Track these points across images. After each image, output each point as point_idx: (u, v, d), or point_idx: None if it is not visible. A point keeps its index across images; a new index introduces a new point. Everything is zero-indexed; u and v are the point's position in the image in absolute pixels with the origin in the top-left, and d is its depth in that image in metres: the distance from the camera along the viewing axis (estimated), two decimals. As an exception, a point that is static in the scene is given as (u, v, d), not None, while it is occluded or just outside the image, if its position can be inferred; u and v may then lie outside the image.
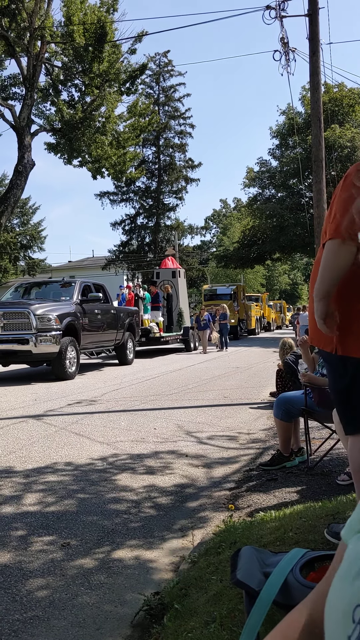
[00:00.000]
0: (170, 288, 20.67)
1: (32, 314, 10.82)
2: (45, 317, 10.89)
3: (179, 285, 21.32)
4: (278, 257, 39.72)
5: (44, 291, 13.55)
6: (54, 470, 4.80)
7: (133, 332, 15.14)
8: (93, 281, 14.18)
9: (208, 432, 6.32)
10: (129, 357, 14.79)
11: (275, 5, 12.03)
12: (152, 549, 3.26)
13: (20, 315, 10.94)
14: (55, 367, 11.16)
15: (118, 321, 13.92)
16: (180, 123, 43.08)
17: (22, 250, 46.86)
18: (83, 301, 12.34)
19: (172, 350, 19.76)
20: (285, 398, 4.65)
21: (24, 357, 11.13)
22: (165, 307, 20.35)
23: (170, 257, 23.71)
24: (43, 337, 10.76)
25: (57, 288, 13.30)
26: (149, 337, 17.43)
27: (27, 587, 2.78)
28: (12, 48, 20.12)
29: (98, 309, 12.96)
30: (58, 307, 11.49)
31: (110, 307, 13.88)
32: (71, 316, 11.57)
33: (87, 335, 12.33)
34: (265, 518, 3.21)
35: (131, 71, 21.83)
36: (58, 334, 10.93)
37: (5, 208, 20.49)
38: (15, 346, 10.85)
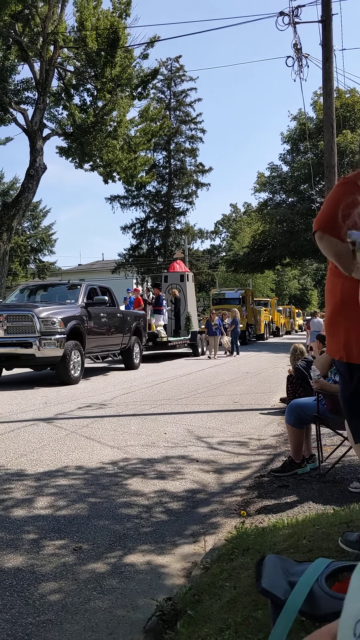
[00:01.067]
0: (178, 292, 20.43)
1: (36, 316, 10.61)
2: (49, 320, 10.67)
3: (187, 289, 21.08)
4: (288, 262, 39.65)
5: (49, 294, 13.33)
6: (65, 473, 4.81)
7: (140, 336, 14.87)
8: (99, 284, 13.96)
9: (218, 437, 6.31)
10: (135, 362, 14.51)
11: (289, 12, 12.06)
12: (164, 554, 3.26)
13: (24, 318, 10.73)
14: (59, 372, 10.94)
15: (124, 325, 13.67)
16: (191, 128, 43.28)
17: (33, 253, 47.09)
18: (88, 304, 12.09)
19: (180, 355, 19.59)
20: (297, 404, 4.64)
21: (27, 360, 10.92)
22: (172, 311, 20.15)
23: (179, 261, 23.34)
24: (47, 340, 10.53)
25: (62, 290, 13.04)
26: (156, 341, 17.23)
27: (39, 590, 2.78)
28: (25, 53, 20.29)
29: (104, 312, 12.72)
30: (62, 310, 11.28)
31: (117, 311, 13.69)
32: (76, 319, 11.34)
33: (92, 339, 12.09)
34: (278, 525, 3.20)
35: (143, 76, 21.95)
36: (62, 337, 10.70)
37: (17, 211, 20.62)
38: (19, 349, 10.64)
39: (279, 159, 37.56)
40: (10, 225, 20.48)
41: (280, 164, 37.20)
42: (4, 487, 4.42)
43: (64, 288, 13.22)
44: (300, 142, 34.41)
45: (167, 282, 21.27)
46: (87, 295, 12.27)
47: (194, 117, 43.05)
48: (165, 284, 21.27)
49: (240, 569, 2.64)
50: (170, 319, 19.96)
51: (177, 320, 20.23)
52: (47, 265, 48.58)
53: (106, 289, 13.59)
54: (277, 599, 1.29)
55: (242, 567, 2.66)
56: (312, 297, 74.49)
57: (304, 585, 1.28)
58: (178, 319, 20.25)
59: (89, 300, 12.17)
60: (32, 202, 23.83)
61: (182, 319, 20.29)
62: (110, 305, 13.37)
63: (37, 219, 47.54)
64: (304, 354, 7.26)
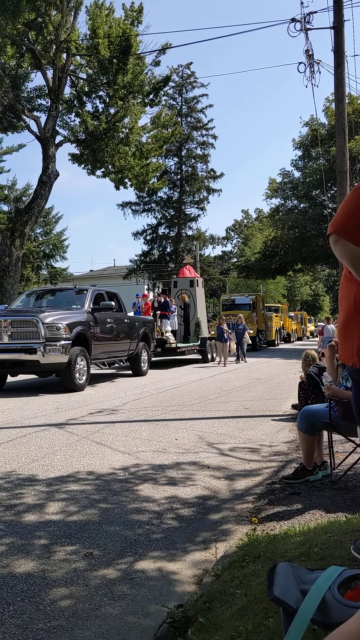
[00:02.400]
0: (187, 297, 20.18)
1: (41, 322, 10.43)
2: (54, 326, 10.49)
3: (197, 294, 20.80)
4: (300, 268, 39.54)
5: (55, 299, 13.12)
6: (76, 479, 4.82)
7: (148, 342, 14.63)
8: (106, 289, 13.77)
9: (230, 443, 6.30)
10: (143, 368, 14.28)
11: (301, 18, 12.07)
12: (175, 561, 3.25)
13: (29, 323, 10.54)
14: (64, 378, 10.77)
15: (132, 331, 13.45)
16: (203, 134, 43.37)
17: (45, 259, 47.34)
18: (95, 310, 11.88)
19: (189, 362, 19.31)
20: (309, 411, 4.62)
21: (31, 367, 10.70)
22: (182, 316, 19.91)
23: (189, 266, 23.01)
24: (51, 346, 10.34)
25: (69, 296, 12.84)
26: (165, 347, 16.99)
27: (50, 596, 2.78)
28: (38, 60, 20.47)
29: (111, 317, 12.50)
30: (68, 316, 11.08)
31: (124, 316, 13.46)
32: (82, 325, 11.15)
33: (99, 345, 11.89)
34: (289, 532, 3.18)
35: (155, 83, 22.06)
36: (67, 343, 10.52)
37: (30, 218, 20.76)
38: (23, 356, 10.44)
39: (291, 164, 37.56)
40: (23, 231, 20.62)
41: (292, 170, 37.20)
42: (16, 492, 4.44)
43: (70, 293, 13.05)
44: (312, 147, 34.37)
45: (177, 287, 21.07)
46: (93, 300, 12.11)
47: (205, 123, 43.16)
48: (174, 289, 21.07)
49: (252, 577, 2.62)
50: (180, 324, 19.75)
51: (186, 326, 20.00)
52: (59, 271, 48.80)
53: (113, 295, 13.44)
54: (289, 607, 1.29)
55: (254, 574, 2.65)
56: (324, 303, 74.19)
57: (316, 594, 1.27)
58: (187, 324, 20.03)
59: (96, 306, 11.99)
60: (44, 208, 23.99)
61: (192, 325, 20.06)
62: (118, 311, 13.19)
63: (49, 225, 47.81)
64: (316, 360, 7.22)
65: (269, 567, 2.32)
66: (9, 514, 3.95)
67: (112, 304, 12.31)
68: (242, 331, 19.99)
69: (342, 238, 2.53)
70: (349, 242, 2.51)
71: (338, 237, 2.54)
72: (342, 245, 2.53)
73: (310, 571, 1.47)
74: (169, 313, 18.39)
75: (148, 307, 18.33)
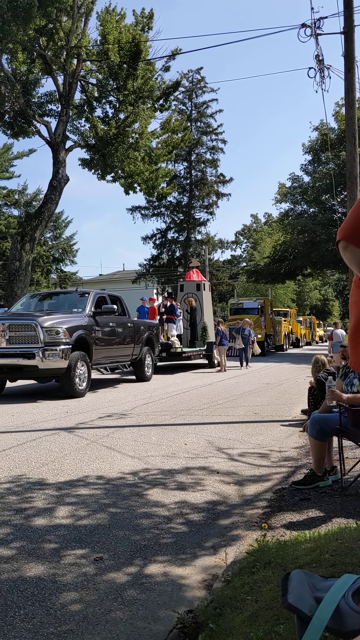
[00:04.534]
0: (194, 301, 19.70)
1: (40, 326, 10.12)
2: (53, 330, 10.18)
3: (204, 298, 20.34)
4: (309, 272, 39.41)
5: (57, 302, 12.74)
6: (86, 483, 4.83)
7: (152, 347, 14.24)
8: (109, 292, 13.40)
9: (239, 448, 6.28)
10: (147, 373, 13.89)
11: (311, 24, 12.08)
12: (184, 566, 3.25)
13: (27, 327, 10.25)
14: (64, 384, 10.46)
15: (135, 335, 13.08)
16: (212, 139, 43.42)
17: (54, 263, 47.53)
18: (96, 313, 11.55)
19: (194, 367, 18.97)
20: (319, 416, 4.61)
21: (29, 372, 10.42)
22: (188, 321, 19.52)
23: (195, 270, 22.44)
24: (50, 351, 10.04)
25: (71, 299, 12.44)
26: (170, 352, 16.55)
27: (60, 600, 2.79)
28: (49, 66, 20.61)
29: (113, 321, 12.16)
30: (68, 319, 10.77)
31: (127, 320, 13.07)
32: (82, 329, 10.81)
33: (100, 350, 11.51)
34: (300, 538, 3.17)
35: (165, 88, 22.13)
36: (67, 348, 10.21)
37: (40, 222, 20.86)
38: (21, 361, 10.14)
39: (300, 169, 37.49)
40: (33, 235, 20.71)
41: (301, 175, 37.13)
42: (26, 496, 4.45)
43: (72, 296, 12.72)
44: (322, 152, 34.29)
45: (183, 291, 20.68)
46: (95, 304, 11.81)
47: (215, 128, 43.23)
48: (181, 293, 20.72)
49: (262, 583, 2.62)
50: (186, 329, 19.43)
51: (192, 330, 19.56)
52: (69, 275, 49.01)
53: (116, 298, 13.13)
54: (303, 614, 1.28)
55: (264, 580, 2.64)
56: (334, 307, 73.95)
57: (330, 601, 1.26)
58: (194, 329, 19.60)
59: (97, 309, 11.69)
60: (54, 213, 24.09)
61: (198, 329, 19.65)
62: (121, 315, 12.90)
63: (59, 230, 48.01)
64: (326, 366, 7.20)
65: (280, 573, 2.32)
66: (19, 517, 3.96)
67: (114, 308, 12.03)
68: (247, 336, 19.54)
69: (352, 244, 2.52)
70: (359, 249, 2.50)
71: (347, 243, 2.54)
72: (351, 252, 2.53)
73: (324, 579, 1.47)
74: (175, 317, 18.01)
75: (153, 310, 18.01)
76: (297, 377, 14.99)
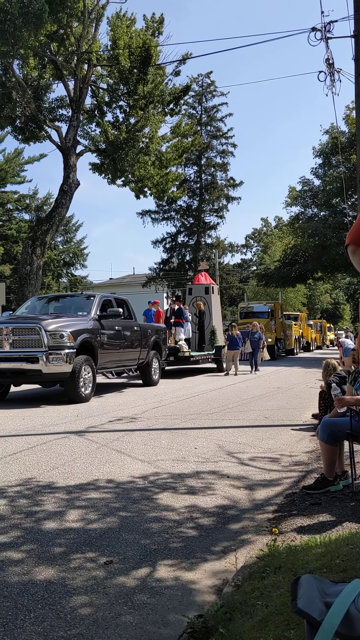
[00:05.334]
0: (202, 305, 19.45)
1: (43, 329, 9.94)
2: (57, 334, 9.99)
3: (212, 301, 20.05)
4: (320, 276, 39.31)
5: (62, 305, 12.55)
6: (96, 487, 4.83)
7: (159, 351, 14.07)
8: (115, 295, 13.25)
9: (249, 453, 6.26)
10: (154, 378, 13.70)
11: (321, 27, 12.08)
12: (194, 570, 3.24)
13: (31, 331, 10.08)
14: (68, 389, 10.24)
15: (142, 339, 12.93)
16: (222, 142, 43.41)
17: (65, 267, 47.78)
18: (102, 317, 11.37)
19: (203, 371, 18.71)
20: (330, 421, 4.59)
21: (33, 377, 10.25)
22: (197, 324, 19.22)
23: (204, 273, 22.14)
24: (54, 355, 9.86)
25: (76, 302, 12.26)
26: (178, 356, 16.39)
27: (70, 604, 2.79)
28: (60, 71, 20.75)
29: (119, 325, 11.97)
30: (73, 323, 10.57)
31: (134, 324, 12.89)
32: (87, 333, 10.62)
33: (106, 354, 11.34)
34: (310, 543, 3.15)
35: (175, 92, 22.18)
36: (71, 352, 10.01)
37: (51, 226, 20.97)
38: (24, 365, 9.98)
39: (311, 172, 37.45)
40: (44, 240, 20.82)
41: (312, 178, 37.08)
42: (36, 499, 4.46)
43: (78, 299, 12.55)
44: (332, 155, 34.24)
45: (192, 294, 20.38)
46: (101, 307, 11.61)
47: (225, 132, 43.23)
48: (189, 296, 20.43)
49: (272, 588, 2.61)
50: (195, 332, 19.10)
51: (201, 334, 19.27)
52: (79, 279, 49.24)
53: (122, 301, 12.97)
54: (313, 619, 1.28)
55: (274, 585, 2.63)
56: (345, 311, 73.64)
57: (340, 606, 1.26)
58: (202, 333, 19.30)
59: (103, 313, 11.51)
60: (65, 217, 24.20)
61: (207, 333, 19.37)
62: (127, 318, 12.76)
63: (69, 234, 48.29)
64: (337, 370, 7.17)
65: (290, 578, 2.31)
66: (29, 521, 3.97)
67: (119, 311, 11.82)
68: (257, 340, 19.29)
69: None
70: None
71: (356, 247, 2.54)
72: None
73: (334, 584, 1.46)
74: (183, 321, 17.75)
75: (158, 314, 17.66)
76: (307, 381, 14.93)
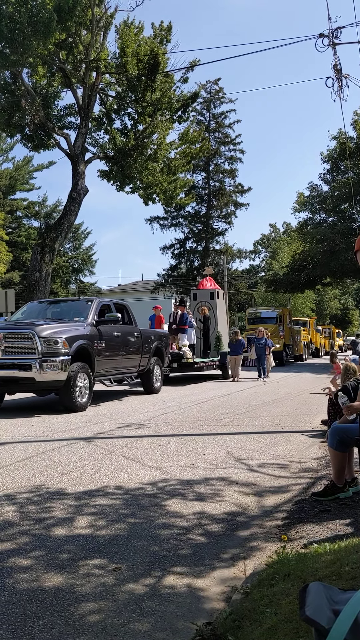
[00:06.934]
0: (207, 310, 19.14)
1: (37, 336, 9.56)
2: (51, 340, 9.63)
3: (218, 307, 19.78)
4: (329, 281, 39.22)
5: (60, 311, 12.11)
6: (105, 493, 4.83)
7: (161, 357, 13.65)
8: (114, 300, 12.94)
9: (258, 459, 6.24)
10: (156, 385, 13.28)
11: (329, 33, 12.10)
12: (203, 577, 3.23)
13: (24, 337, 9.70)
14: (63, 397, 9.90)
15: (143, 345, 12.55)
16: (230, 149, 43.52)
17: (74, 273, 47.96)
18: (99, 322, 10.98)
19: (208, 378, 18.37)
20: (339, 427, 4.57)
21: (26, 385, 9.89)
22: (201, 330, 18.90)
23: (209, 277, 21.83)
24: (48, 362, 9.49)
25: (76, 307, 11.79)
26: (182, 362, 15.93)
27: (79, 611, 2.79)
28: (68, 79, 20.89)
29: (118, 331, 11.58)
30: (68, 329, 10.19)
31: (134, 329, 12.51)
32: (83, 339, 10.25)
33: (104, 361, 10.95)
34: (320, 551, 3.13)
35: (183, 99, 22.26)
36: (66, 359, 9.65)
37: (59, 233, 21.07)
38: (17, 373, 9.59)
39: (319, 178, 37.42)
40: (53, 247, 20.91)
41: (320, 184, 37.05)
42: (45, 505, 4.47)
43: (76, 304, 12.15)
44: (341, 161, 34.20)
45: (196, 299, 20.04)
46: (98, 312, 11.26)
47: (233, 138, 43.31)
48: (194, 301, 20.09)
49: (282, 595, 2.59)
50: (199, 338, 18.82)
51: (206, 340, 18.92)
52: (88, 285, 49.41)
53: (122, 306, 12.61)
54: (321, 627, 1.27)
55: (283, 593, 2.62)
56: (354, 317, 73.39)
57: (349, 614, 1.25)
58: (207, 338, 18.94)
59: (101, 318, 11.13)
60: (74, 224, 24.30)
61: (212, 339, 19.03)
62: (127, 324, 12.41)
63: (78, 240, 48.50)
64: (357, 374, 7.12)
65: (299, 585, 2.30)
66: (38, 527, 3.98)
67: (117, 316, 11.42)
68: (262, 346, 18.72)
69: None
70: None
71: None
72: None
73: (342, 591, 1.45)
74: (187, 326, 17.31)
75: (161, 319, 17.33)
76: (317, 387, 14.86)
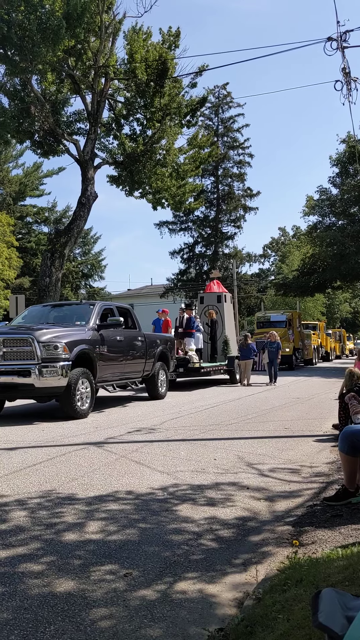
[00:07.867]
0: (214, 314, 18.77)
1: (36, 340, 9.29)
2: (51, 345, 9.35)
3: (225, 310, 19.25)
4: (339, 285, 39.09)
5: (62, 315, 11.77)
6: (115, 498, 4.83)
7: (166, 362, 13.37)
8: (117, 304, 12.69)
9: (269, 464, 6.22)
10: (161, 391, 12.99)
11: (337, 37, 12.09)
12: (214, 583, 3.21)
13: (23, 342, 9.42)
14: (63, 404, 9.62)
15: (147, 350, 12.27)
16: (239, 153, 43.58)
17: (83, 279, 48.12)
18: (101, 326, 10.70)
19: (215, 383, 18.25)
20: (350, 431, 4.54)
21: (25, 391, 9.57)
22: (209, 334, 18.59)
23: (216, 281, 21.48)
24: (48, 368, 9.21)
25: (77, 311, 11.57)
26: (188, 367, 15.62)
27: (90, 616, 2.78)
28: (77, 86, 21.00)
29: (121, 335, 11.31)
30: (68, 334, 9.92)
31: (137, 334, 12.23)
32: (85, 343, 9.98)
33: (106, 366, 10.67)
34: (332, 556, 3.11)
35: (191, 104, 22.31)
36: (67, 364, 9.37)
37: (69, 238, 21.15)
38: (16, 379, 9.29)
39: (328, 181, 37.32)
40: (63, 252, 20.98)
41: (329, 187, 36.96)
42: (56, 511, 4.47)
43: (78, 308, 11.90)
44: (350, 164, 34.13)
45: (203, 303, 19.73)
46: (101, 316, 10.96)
47: (241, 143, 43.36)
48: (201, 305, 19.85)
49: (294, 601, 2.58)
50: (206, 342, 18.49)
51: (213, 344, 18.62)
52: (97, 290, 49.56)
53: (125, 310, 12.38)
54: (334, 634, 1.26)
55: (296, 598, 2.60)
56: (365, 320, 72.96)
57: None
58: (214, 343, 18.63)
59: (103, 322, 10.84)
60: (83, 229, 24.37)
61: (219, 343, 18.69)
62: (131, 328, 12.17)
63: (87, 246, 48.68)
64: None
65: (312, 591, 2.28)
66: (50, 532, 3.98)
67: (120, 320, 11.08)
68: (275, 350, 18.22)
69: None
70: None
71: None
72: None
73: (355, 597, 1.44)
74: (194, 330, 16.97)
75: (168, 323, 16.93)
76: (327, 391, 14.80)
